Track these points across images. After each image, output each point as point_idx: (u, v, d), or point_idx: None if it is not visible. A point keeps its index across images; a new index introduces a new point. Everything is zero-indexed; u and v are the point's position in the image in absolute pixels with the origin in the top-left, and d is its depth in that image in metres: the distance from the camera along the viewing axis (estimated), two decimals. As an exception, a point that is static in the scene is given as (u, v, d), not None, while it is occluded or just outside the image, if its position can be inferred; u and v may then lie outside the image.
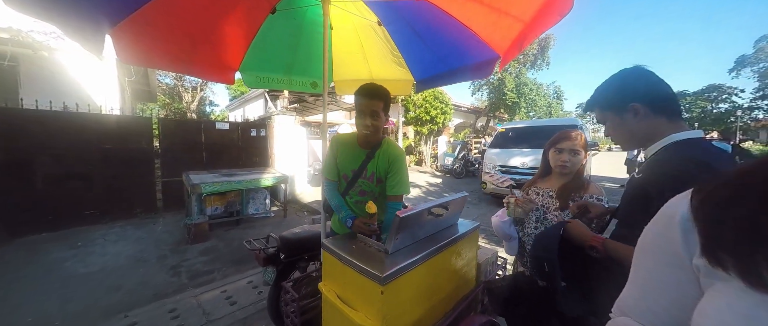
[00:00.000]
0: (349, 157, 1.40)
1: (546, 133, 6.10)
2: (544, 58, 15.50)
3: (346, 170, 1.41)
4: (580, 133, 1.33)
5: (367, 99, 1.27)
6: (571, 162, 1.30)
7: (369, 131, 1.30)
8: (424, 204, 1.15)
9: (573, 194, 1.27)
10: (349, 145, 1.42)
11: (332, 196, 1.42)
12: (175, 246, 3.86)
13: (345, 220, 1.33)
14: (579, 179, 1.32)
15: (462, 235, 1.35)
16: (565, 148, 1.32)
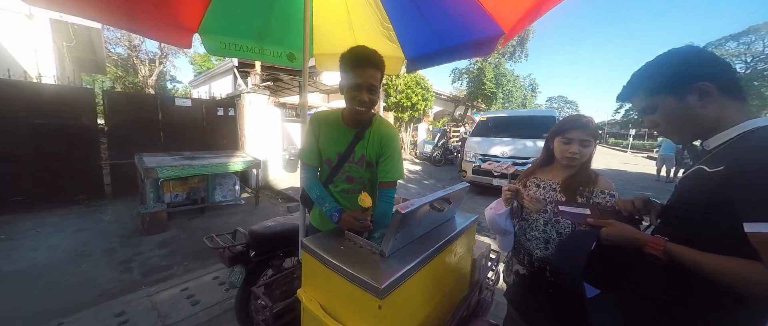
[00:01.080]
0: (333, 137, 1.20)
1: (524, 123, 6.26)
2: (523, 50, 15.83)
3: (329, 153, 1.20)
4: (591, 119, 1.20)
5: (363, 68, 1.04)
6: (580, 153, 1.15)
7: (364, 108, 1.09)
8: (426, 197, 0.97)
9: (581, 189, 1.15)
10: (333, 124, 1.21)
11: (312, 186, 1.20)
12: (126, 237, 3.41)
13: (330, 214, 1.11)
14: (586, 172, 1.19)
15: (461, 231, 1.21)
16: (574, 138, 1.16)
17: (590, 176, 1.18)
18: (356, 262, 0.86)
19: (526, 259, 1.30)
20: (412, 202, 0.88)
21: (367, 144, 1.19)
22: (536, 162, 1.40)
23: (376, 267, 0.84)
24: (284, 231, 1.56)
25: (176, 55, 22.70)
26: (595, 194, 1.13)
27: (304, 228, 1.31)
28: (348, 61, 1.04)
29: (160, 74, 22.03)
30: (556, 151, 1.26)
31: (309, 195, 1.20)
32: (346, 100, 1.11)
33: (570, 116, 1.26)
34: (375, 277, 0.78)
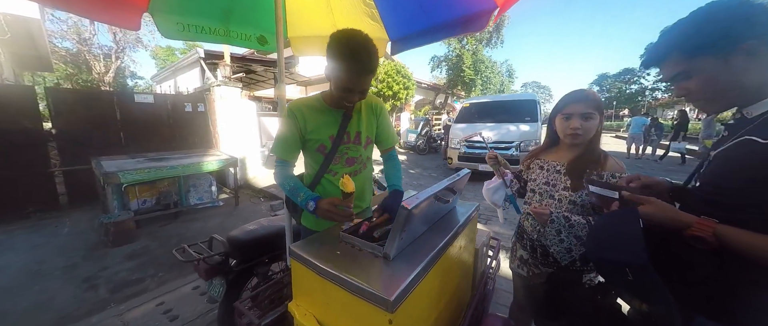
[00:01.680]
0: (321, 121, 1.09)
1: (506, 108, 6.32)
2: (499, 37, 16.00)
3: (322, 138, 1.10)
4: (592, 91, 1.12)
5: (360, 76, 0.94)
6: (583, 128, 1.06)
7: (352, 105, 1.06)
8: (429, 188, 0.86)
9: (588, 171, 1.07)
10: (317, 108, 1.11)
11: (285, 178, 1.09)
12: (89, 251, 3.06)
13: (305, 203, 1.00)
14: (594, 151, 1.11)
15: (465, 222, 1.11)
16: (574, 112, 1.07)
17: (598, 156, 1.09)
18: (357, 269, 0.74)
19: (529, 244, 1.24)
20: (416, 196, 0.76)
21: (361, 121, 1.14)
22: (542, 143, 1.33)
23: (381, 274, 0.72)
24: (268, 235, 1.40)
25: (135, 49, 20.84)
26: (605, 178, 1.05)
27: (291, 231, 1.16)
28: (342, 62, 0.91)
29: (118, 70, 20.16)
30: (558, 130, 1.17)
31: (285, 190, 1.08)
32: (334, 93, 1.03)
33: (569, 92, 1.17)
34: (383, 287, 0.66)
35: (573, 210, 1.08)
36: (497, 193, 1.39)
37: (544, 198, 1.17)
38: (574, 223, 1.04)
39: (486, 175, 1.24)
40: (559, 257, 1.08)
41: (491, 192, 1.40)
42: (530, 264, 1.26)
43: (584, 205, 1.06)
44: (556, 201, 1.13)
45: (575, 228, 1.03)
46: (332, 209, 0.93)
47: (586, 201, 1.06)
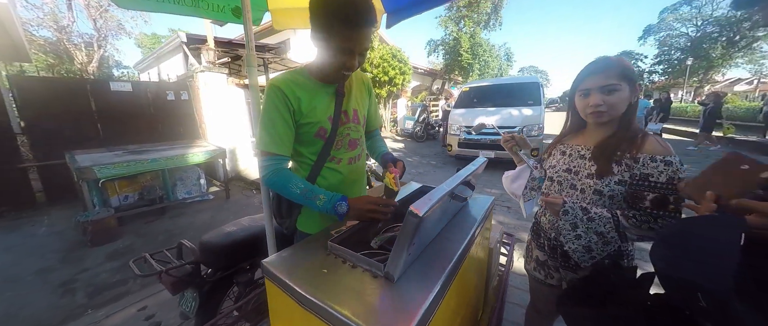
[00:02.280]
0: (317, 101, 0.90)
1: (507, 91, 6.07)
2: (497, 19, 15.46)
3: (322, 121, 0.91)
4: (618, 57, 0.88)
5: (358, 28, 0.76)
6: (607, 104, 0.85)
7: (351, 73, 0.86)
8: (443, 185, 0.65)
9: (620, 153, 0.86)
10: (308, 86, 0.90)
11: (289, 180, 0.84)
12: (67, 252, 2.85)
13: (334, 207, 0.80)
14: (627, 130, 0.88)
15: (482, 220, 0.92)
16: (591, 86, 0.87)
17: (632, 136, 0.86)
18: (350, 297, 0.54)
19: (547, 244, 1.05)
20: (428, 197, 0.56)
21: (354, 96, 0.99)
22: (565, 127, 1.12)
23: (383, 303, 0.52)
24: (250, 237, 1.20)
25: (117, 37, 19.93)
26: (641, 162, 0.81)
27: (273, 234, 0.96)
28: (334, 16, 0.74)
29: (102, 60, 19.30)
30: (579, 110, 0.96)
31: (289, 194, 0.85)
32: (328, 61, 0.82)
33: (589, 63, 0.93)
34: (386, 323, 0.46)
35: (598, 202, 0.88)
36: (518, 181, 1.18)
37: (565, 188, 0.97)
38: (594, 216, 0.84)
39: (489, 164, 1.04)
40: (577, 257, 0.88)
41: (511, 180, 1.19)
42: (549, 266, 1.08)
43: (612, 196, 0.86)
44: (578, 192, 0.93)
45: (595, 223, 0.83)
46: (372, 207, 0.78)
47: (614, 191, 0.85)
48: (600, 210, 0.84)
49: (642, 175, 0.81)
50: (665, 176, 0.78)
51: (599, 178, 0.88)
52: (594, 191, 0.88)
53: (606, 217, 0.83)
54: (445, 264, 0.65)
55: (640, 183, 0.81)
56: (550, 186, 1.03)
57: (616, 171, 0.85)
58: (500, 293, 1.11)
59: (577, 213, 0.86)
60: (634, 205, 0.84)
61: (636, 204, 0.83)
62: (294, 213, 0.98)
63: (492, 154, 5.19)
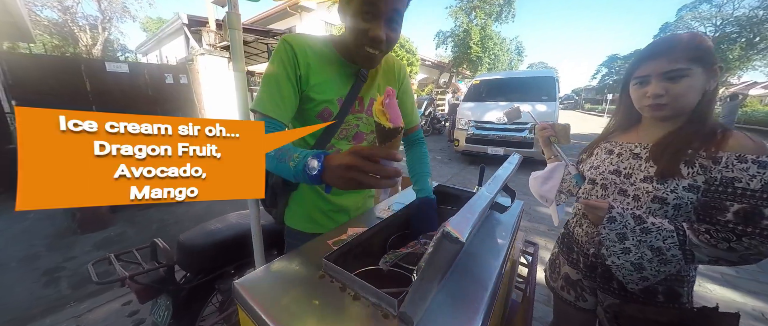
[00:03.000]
0: (330, 75, 0.72)
1: (520, 86, 5.79)
2: (510, 10, 14.95)
3: (330, 99, 0.72)
4: (690, 35, 0.68)
5: None
6: (671, 94, 0.67)
7: (378, 50, 0.66)
8: (481, 194, 0.46)
9: (691, 152, 0.67)
10: (326, 55, 0.73)
11: None
12: (55, 238, 2.74)
13: (303, 168, 0.51)
14: (701, 123, 0.69)
15: (514, 230, 0.73)
16: (651, 72, 0.69)
17: (711, 131, 0.67)
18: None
19: (583, 260, 0.87)
20: (469, 209, 0.37)
21: (378, 85, 0.81)
22: (613, 122, 0.92)
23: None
24: (236, 237, 1.03)
25: (122, 19, 19.75)
26: (724, 162, 0.62)
27: (259, 233, 0.79)
28: None
29: (107, 43, 19.15)
30: (635, 101, 0.76)
31: (267, 163, 0.60)
32: (351, 34, 0.66)
33: (648, 45, 0.74)
34: None
35: (658, 212, 0.69)
36: (549, 182, 0.98)
37: (611, 194, 0.78)
38: (650, 228, 0.65)
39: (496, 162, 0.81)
40: (622, 275, 0.70)
41: (541, 182, 0.99)
42: (583, 287, 0.89)
43: (679, 205, 0.67)
44: (630, 199, 0.73)
45: (652, 236, 0.65)
46: (357, 161, 0.45)
47: (683, 198, 0.66)
48: (660, 221, 0.66)
49: (724, 180, 0.62)
50: (759, 182, 0.59)
51: (661, 182, 0.68)
52: (654, 198, 0.69)
53: (667, 230, 0.64)
54: (479, 294, 0.47)
55: (722, 190, 0.62)
56: (592, 190, 0.84)
57: (686, 174, 0.66)
58: (528, 319, 0.93)
59: (627, 222, 0.68)
60: (709, 219, 0.65)
61: (713, 218, 0.64)
62: (280, 202, 0.82)
63: (501, 150, 4.97)
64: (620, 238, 0.69)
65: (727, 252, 0.61)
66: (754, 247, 0.59)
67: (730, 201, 0.62)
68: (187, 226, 3.19)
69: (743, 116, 10.37)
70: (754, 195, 0.59)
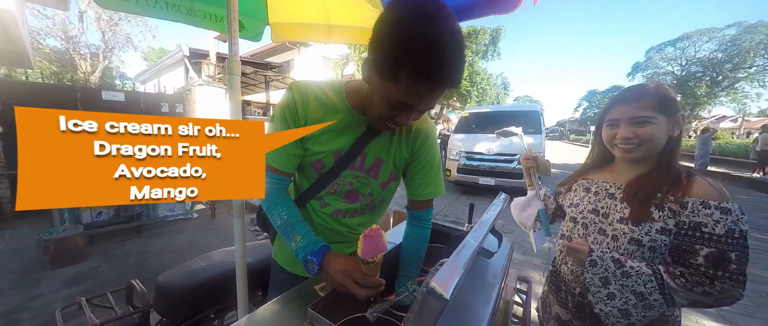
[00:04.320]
0: (334, 126, 0.69)
1: (507, 118, 6.07)
2: (495, 49, 16.08)
3: (325, 153, 0.71)
4: (655, 84, 0.77)
5: (437, 89, 0.54)
6: (638, 137, 0.73)
7: (391, 127, 0.65)
8: (467, 242, 0.48)
9: (660, 196, 0.71)
10: (333, 105, 0.70)
11: (278, 202, 0.68)
12: (22, 274, 2.55)
13: (304, 258, 0.60)
14: (667, 169, 0.74)
15: (505, 276, 0.74)
16: (620, 117, 0.76)
17: (675, 176, 0.72)
18: None
19: (571, 300, 0.86)
20: (455, 263, 0.38)
21: (392, 143, 0.74)
22: (590, 159, 0.98)
23: None
24: (220, 278, 0.99)
25: (124, 49, 20.33)
26: (690, 207, 0.67)
27: (244, 273, 0.76)
28: (411, 65, 0.50)
29: (106, 70, 19.49)
30: (605, 142, 0.83)
31: (271, 217, 0.68)
32: (373, 105, 0.61)
33: (620, 90, 0.82)
34: None
35: (635, 254, 0.73)
36: (528, 209, 1.02)
37: (592, 233, 0.82)
38: (630, 272, 0.68)
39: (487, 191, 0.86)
40: (611, 323, 0.72)
41: (520, 208, 1.03)
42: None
43: (654, 247, 0.71)
44: (609, 239, 0.77)
45: (632, 280, 0.67)
46: (353, 276, 0.55)
47: (657, 241, 0.70)
48: (638, 265, 0.69)
49: (692, 224, 0.66)
50: (723, 227, 0.63)
51: (636, 224, 0.72)
52: (630, 240, 0.73)
53: (646, 274, 0.67)
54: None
55: (691, 234, 0.67)
56: (574, 228, 0.88)
57: (657, 217, 0.70)
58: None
59: (608, 266, 0.70)
60: (682, 261, 0.68)
61: (686, 260, 0.67)
62: (270, 232, 0.80)
63: (492, 181, 5.06)
64: (604, 283, 0.71)
65: (703, 296, 0.63)
66: (726, 291, 0.62)
67: (700, 245, 0.65)
68: (168, 260, 3.03)
69: (718, 148, 10.95)
70: (720, 241, 0.63)
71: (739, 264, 0.62)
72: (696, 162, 8.91)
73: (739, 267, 0.62)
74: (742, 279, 0.62)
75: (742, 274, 0.62)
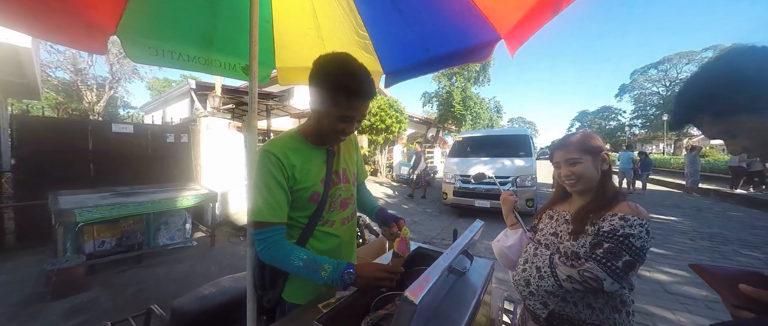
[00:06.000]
0: (310, 165, 0.92)
1: (499, 142, 6.31)
2: (485, 75, 16.92)
3: (314, 184, 0.91)
4: (580, 133, 0.99)
5: (361, 100, 0.83)
6: (573, 175, 0.94)
7: (344, 138, 0.93)
8: (441, 260, 0.62)
9: (591, 216, 0.90)
10: (301, 149, 0.92)
11: (290, 252, 0.80)
12: (21, 306, 2.55)
13: (341, 276, 0.75)
14: (603, 196, 0.93)
15: (482, 290, 0.86)
16: (559, 159, 0.98)
17: (607, 200, 0.91)
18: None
19: (542, 314, 0.98)
20: (426, 276, 0.52)
21: (343, 156, 1.03)
22: (554, 194, 1.15)
23: None
24: (230, 302, 1.09)
25: (130, 80, 21.09)
26: (610, 219, 0.84)
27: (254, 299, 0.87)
28: (338, 89, 0.78)
29: (111, 100, 20.05)
30: (559, 181, 1.04)
31: (291, 267, 0.78)
32: (325, 128, 0.87)
33: (558, 140, 1.07)
34: None
35: (576, 264, 0.87)
36: (515, 249, 1.11)
37: (552, 251, 0.98)
38: (538, 252, 0.95)
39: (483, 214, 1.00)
40: (518, 289, 0.97)
41: (508, 255, 1.07)
42: None
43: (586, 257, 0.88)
44: (563, 255, 0.94)
45: (537, 258, 0.93)
46: (382, 274, 0.77)
47: (588, 252, 0.87)
48: (545, 251, 0.94)
49: (609, 228, 0.84)
50: (609, 226, 0.83)
51: (575, 240, 0.90)
52: (572, 254, 0.89)
53: (545, 254, 0.92)
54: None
55: (602, 234, 0.84)
56: (537, 250, 1.03)
57: (590, 231, 0.88)
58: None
59: (529, 250, 0.97)
60: (591, 254, 0.85)
61: (594, 251, 0.84)
62: (279, 283, 0.89)
63: (487, 203, 5.16)
64: (523, 262, 0.97)
65: (570, 268, 0.84)
66: (592, 269, 0.79)
67: (607, 242, 0.82)
68: (166, 289, 3.06)
69: (707, 166, 11.18)
70: (619, 240, 0.80)
71: (624, 265, 0.78)
72: (687, 179, 9.11)
73: (623, 266, 0.78)
74: (620, 274, 0.77)
75: (621, 271, 0.77)
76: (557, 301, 0.90)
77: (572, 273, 0.82)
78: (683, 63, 31.02)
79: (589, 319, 0.88)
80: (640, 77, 36.10)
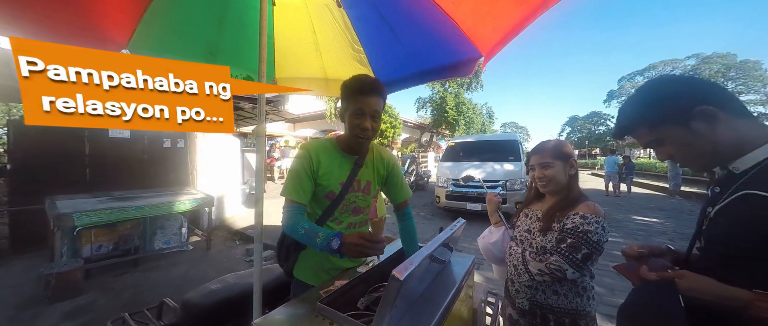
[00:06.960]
0: (334, 166, 1.08)
1: (490, 147, 6.52)
2: (478, 82, 17.31)
3: (332, 184, 1.07)
4: (554, 140, 1.14)
5: (366, 95, 1.00)
6: (545, 177, 1.08)
7: (365, 137, 1.03)
8: (423, 248, 0.75)
9: (558, 215, 1.04)
10: (331, 152, 1.10)
11: (298, 222, 0.96)
12: (20, 309, 2.57)
13: (327, 242, 0.87)
14: (569, 196, 1.07)
15: (463, 280, 0.98)
16: (534, 163, 1.13)
17: (571, 201, 1.05)
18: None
19: (518, 302, 1.11)
20: (410, 260, 0.65)
21: (372, 170, 1.16)
22: (529, 194, 1.29)
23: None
24: (235, 296, 1.19)
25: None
26: (572, 217, 0.98)
27: (260, 290, 0.98)
28: (351, 89, 1.01)
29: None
30: (534, 183, 1.17)
31: (294, 234, 0.96)
32: (348, 128, 1.05)
33: (535, 147, 1.21)
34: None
35: (544, 259, 1.00)
36: (498, 245, 1.25)
37: (526, 248, 1.11)
38: (512, 252, 1.07)
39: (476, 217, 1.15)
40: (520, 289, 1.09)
41: (492, 250, 1.22)
42: None
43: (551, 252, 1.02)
44: (533, 249, 1.08)
45: (513, 257, 1.06)
46: (362, 241, 0.83)
47: (554, 246, 1.00)
48: (519, 249, 1.06)
49: (571, 225, 0.98)
50: (571, 223, 0.97)
51: (544, 235, 1.04)
52: (541, 248, 1.03)
53: (518, 252, 1.05)
54: (427, 324, 0.70)
55: (566, 230, 0.98)
56: (513, 245, 1.16)
57: (555, 228, 1.02)
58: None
59: (518, 256, 1.07)
60: (557, 248, 0.98)
61: (559, 246, 0.97)
62: (291, 258, 1.08)
63: (479, 206, 5.32)
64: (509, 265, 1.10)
65: (538, 262, 0.97)
66: (557, 262, 0.93)
67: (570, 238, 0.96)
68: (163, 292, 3.12)
69: (688, 170, 11.63)
70: (579, 235, 0.94)
71: (583, 256, 0.91)
72: (669, 183, 9.47)
73: (582, 257, 0.91)
74: (580, 265, 0.91)
75: (580, 262, 0.91)
76: (531, 292, 1.04)
77: (541, 267, 0.96)
78: (668, 70, 32.21)
79: (556, 304, 1.01)
80: (626, 84, 37.29)
